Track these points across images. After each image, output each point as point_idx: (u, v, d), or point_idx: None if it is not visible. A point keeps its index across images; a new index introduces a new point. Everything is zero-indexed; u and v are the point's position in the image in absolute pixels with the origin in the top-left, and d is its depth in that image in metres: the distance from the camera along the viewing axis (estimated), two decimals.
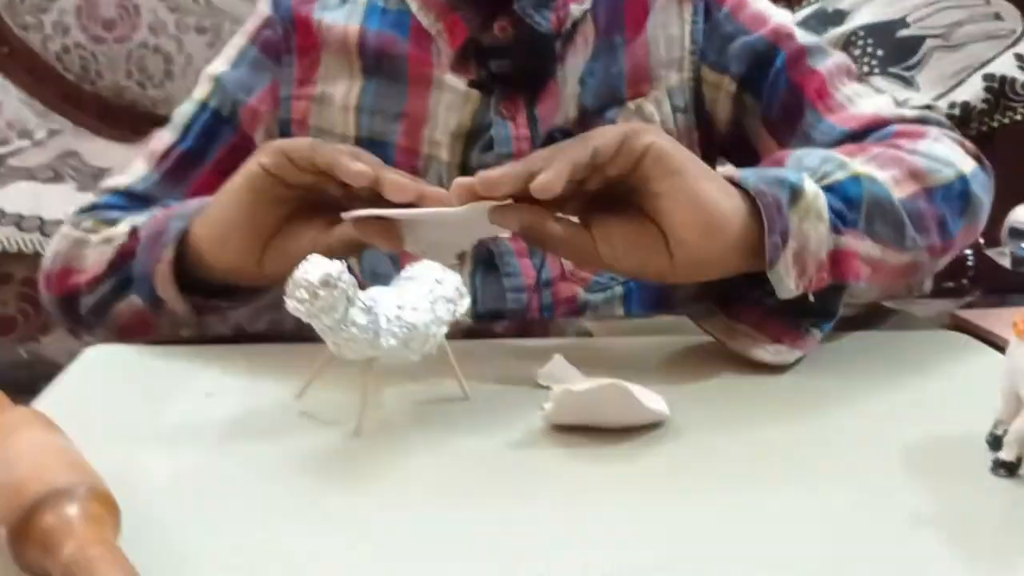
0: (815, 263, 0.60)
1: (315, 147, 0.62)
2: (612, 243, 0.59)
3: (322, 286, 0.50)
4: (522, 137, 0.80)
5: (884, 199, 0.63)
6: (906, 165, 0.66)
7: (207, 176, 0.81)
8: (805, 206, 0.59)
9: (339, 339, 0.53)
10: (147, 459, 0.52)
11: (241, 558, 0.43)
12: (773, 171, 0.61)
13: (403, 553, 0.43)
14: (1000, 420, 0.51)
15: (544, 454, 0.52)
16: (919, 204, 0.65)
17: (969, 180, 0.69)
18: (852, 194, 0.62)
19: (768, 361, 0.62)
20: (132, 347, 0.69)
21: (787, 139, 0.79)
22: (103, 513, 0.39)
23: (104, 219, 0.78)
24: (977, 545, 0.43)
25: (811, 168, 0.62)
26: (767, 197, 0.59)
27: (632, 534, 0.44)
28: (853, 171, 0.63)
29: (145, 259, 0.69)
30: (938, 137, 0.71)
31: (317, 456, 0.52)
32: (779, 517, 0.45)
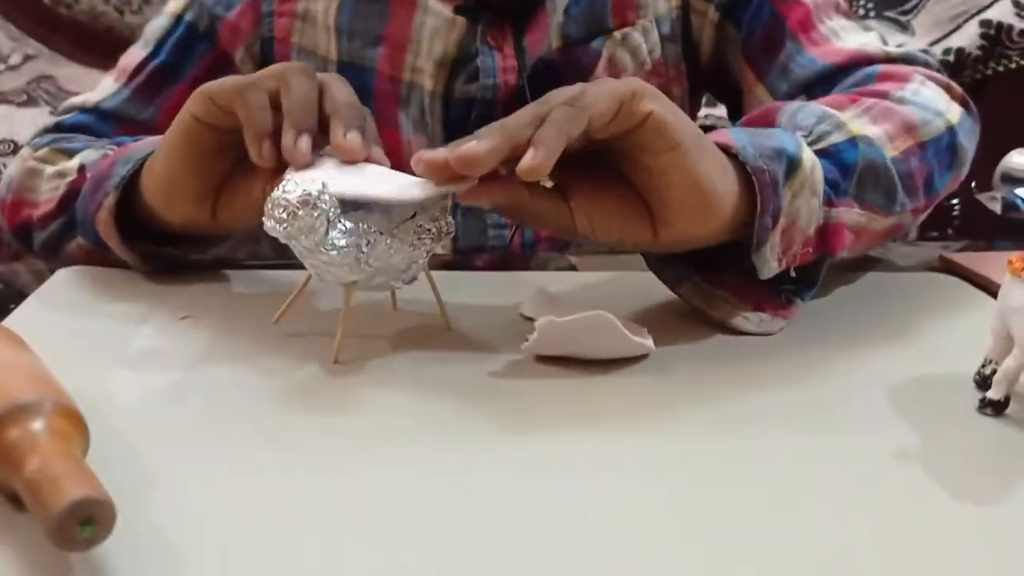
0: (802, 238, 0.57)
1: (242, 91, 0.56)
2: (591, 215, 0.53)
3: (302, 206, 0.49)
4: (509, 68, 0.78)
5: (879, 164, 0.60)
6: (899, 118, 0.63)
7: (181, 95, 0.77)
8: (801, 180, 0.55)
9: (318, 262, 0.51)
10: (118, 380, 0.51)
11: (211, 484, 0.42)
12: (769, 137, 0.56)
13: (381, 482, 0.42)
14: (989, 360, 0.50)
15: (527, 384, 0.51)
16: (911, 162, 0.63)
17: (957, 131, 0.67)
18: (848, 160, 0.58)
19: (751, 331, 0.58)
20: (105, 270, 0.67)
21: (766, 71, 0.77)
22: (70, 429, 0.38)
23: (62, 148, 0.75)
24: (962, 483, 0.42)
25: (805, 127, 0.58)
26: (764, 175, 0.53)
27: (616, 464, 0.43)
28: (850, 132, 0.59)
29: (87, 204, 0.65)
30: (924, 81, 0.70)
31: (293, 382, 0.51)
32: (763, 452, 0.45)
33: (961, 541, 0.38)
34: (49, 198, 0.71)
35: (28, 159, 0.76)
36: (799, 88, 0.74)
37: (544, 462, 0.44)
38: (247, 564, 0.36)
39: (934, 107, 0.67)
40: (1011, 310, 0.47)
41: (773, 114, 0.61)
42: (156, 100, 0.79)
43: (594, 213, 0.53)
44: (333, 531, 0.38)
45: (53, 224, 0.71)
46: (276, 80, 0.57)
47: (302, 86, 0.56)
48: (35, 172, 0.74)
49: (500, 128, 0.49)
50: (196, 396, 0.49)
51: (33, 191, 0.73)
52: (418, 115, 0.80)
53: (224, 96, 0.56)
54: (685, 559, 0.37)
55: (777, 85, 0.76)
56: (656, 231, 0.53)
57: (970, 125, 0.71)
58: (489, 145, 0.48)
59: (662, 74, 0.82)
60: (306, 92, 0.56)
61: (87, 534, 0.34)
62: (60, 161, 0.73)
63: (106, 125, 0.79)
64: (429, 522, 0.39)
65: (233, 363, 0.53)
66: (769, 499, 0.41)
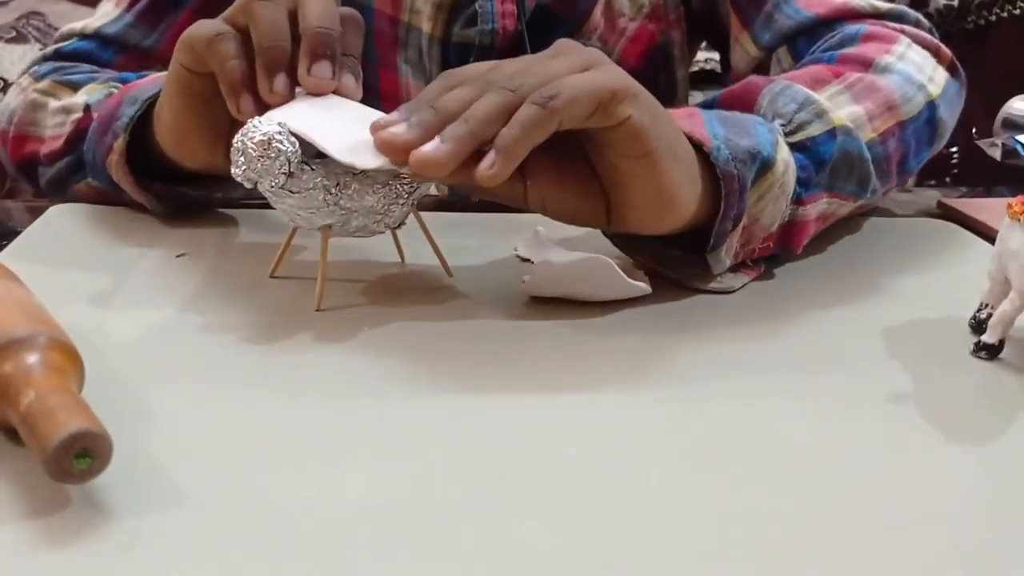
0: (763, 235, 0.55)
1: (210, 42, 0.53)
2: (545, 195, 0.50)
3: (259, 148, 0.48)
4: (508, 13, 0.76)
5: (854, 154, 0.58)
6: (881, 96, 0.62)
7: (185, 22, 0.76)
8: (770, 183, 0.53)
9: (285, 205, 0.51)
10: (113, 316, 0.51)
11: (206, 418, 0.42)
12: (747, 133, 0.53)
13: (374, 419, 0.42)
14: (985, 304, 0.50)
15: (522, 325, 0.51)
16: (888, 144, 0.62)
17: (938, 104, 0.66)
18: (824, 153, 0.56)
19: (712, 290, 0.55)
20: (100, 207, 0.67)
21: (752, 19, 0.75)
22: (64, 363, 0.38)
23: (65, 80, 0.73)
24: (956, 425, 0.43)
25: (785, 115, 0.56)
26: (733, 182, 0.51)
27: (611, 405, 0.44)
28: (830, 123, 0.56)
29: (96, 147, 0.64)
30: (910, 44, 0.68)
31: (288, 320, 0.51)
32: (758, 394, 0.45)
33: (954, 482, 0.39)
34: (55, 135, 0.70)
35: (29, 90, 0.74)
36: (781, 39, 0.74)
37: (538, 403, 0.44)
38: (241, 495, 0.36)
39: (917, 78, 0.65)
40: (1009, 254, 0.47)
41: (755, 95, 0.58)
42: (159, 27, 0.77)
43: (549, 194, 0.50)
44: (326, 465, 0.38)
45: (60, 162, 0.69)
46: (244, 15, 0.54)
47: (267, 17, 0.53)
48: (38, 105, 0.72)
49: (466, 126, 0.46)
50: (191, 332, 0.49)
51: (37, 125, 0.72)
52: (416, 58, 0.79)
53: (199, 46, 0.54)
54: (679, 498, 0.37)
55: (760, 35, 0.75)
56: (610, 220, 0.52)
57: (955, 92, 0.70)
58: (452, 150, 0.45)
59: (662, 17, 0.81)
60: (272, 23, 0.53)
61: (83, 466, 0.34)
62: (64, 95, 0.72)
63: (107, 52, 0.77)
64: (421, 460, 0.39)
65: (229, 300, 0.53)
66: (763, 441, 0.41)
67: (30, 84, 0.75)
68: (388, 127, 0.47)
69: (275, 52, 0.52)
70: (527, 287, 0.53)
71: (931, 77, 0.67)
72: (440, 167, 0.45)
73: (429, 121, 0.46)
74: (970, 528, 0.36)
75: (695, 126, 0.52)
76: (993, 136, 0.81)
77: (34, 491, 0.36)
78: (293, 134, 0.49)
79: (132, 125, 0.61)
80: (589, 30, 0.79)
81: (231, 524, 0.35)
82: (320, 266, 0.52)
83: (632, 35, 0.80)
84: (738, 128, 0.53)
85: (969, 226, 0.68)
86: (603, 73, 0.48)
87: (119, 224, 0.64)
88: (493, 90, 0.47)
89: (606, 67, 0.49)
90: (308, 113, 0.51)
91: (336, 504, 0.36)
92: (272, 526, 0.34)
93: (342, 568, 0.33)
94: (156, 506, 0.35)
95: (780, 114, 0.57)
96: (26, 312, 0.40)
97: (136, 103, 0.62)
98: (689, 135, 0.51)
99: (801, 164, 0.56)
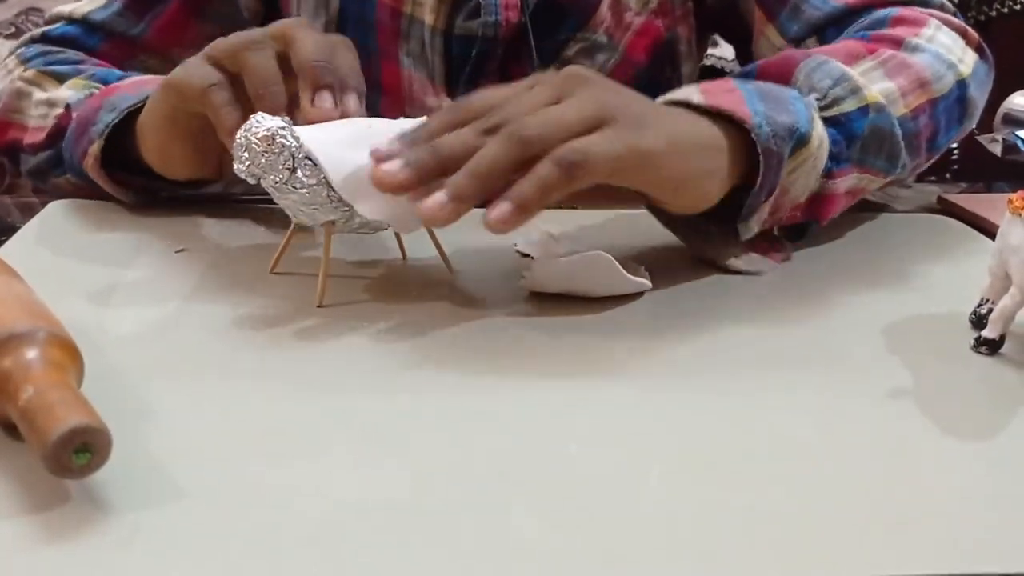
0: (791, 205, 0.57)
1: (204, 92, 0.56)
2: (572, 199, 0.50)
3: (263, 143, 0.48)
4: (511, 5, 0.76)
5: (886, 130, 0.59)
6: (914, 73, 0.63)
7: (173, 13, 0.76)
8: (804, 157, 0.54)
9: (289, 201, 0.51)
10: (112, 312, 0.51)
11: (205, 413, 0.42)
12: (784, 109, 0.54)
13: (373, 415, 0.42)
14: (985, 299, 0.50)
15: (523, 321, 0.51)
16: (919, 120, 0.62)
17: (968, 83, 0.66)
18: (856, 129, 0.57)
19: (741, 270, 0.57)
20: (99, 202, 0.67)
21: (777, 12, 0.75)
22: (64, 359, 0.38)
23: (51, 71, 0.73)
24: (955, 420, 0.43)
25: (820, 90, 0.57)
26: (773, 158, 0.52)
27: (611, 401, 0.44)
28: (863, 99, 0.58)
29: (73, 148, 0.65)
30: (939, 26, 0.69)
31: (288, 315, 0.51)
32: (759, 390, 0.45)
33: (955, 477, 0.39)
34: (37, 126, 0.70)
35: (16, 75, 0.74)
36: (811, 30, 0.73)
37: (538, 399, 0.44)
38: (241, 491, 0.36)
39: (947, 57, 0.66)
40: (1010, 249, 0.47)
41: (792, 68, 0.59)
42: (147, 16, 0.77)
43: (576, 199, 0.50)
44: (325, 461, 0.38)
45: (42, 155, 0.70)
46: (232, 60, 0.56)
47: (259, 64, 0.55)
48: (23, 94, 0.73)
49: (474, 183, 0.46)
50: (191, 328, 0.49)
51: (21, 113, 0.72)
52: (418, 50, 0.79)
53: (191, 95, 0.56)
54: (679, 495, 0.37)
55: (788, 26, 0.75)
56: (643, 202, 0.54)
57: (984, 73, 0.70)
58: (459, 209, 0.46)
59: (668, 13, 0.80)
60: (264, 69, 0.55)
61: (83, 461, 0.34)
62: (49, 86, 0.72)
63: (93, 39, 0.76)
64: (420, 456, 0.39)
65: (229, 296, 0.53)
66: (764, 436, 0.41)
67: (16, 67, 0.74)
68: (385, 163, 0.47)
69: (273, 97, 0.54)
70: (526, 284, 0.53)
71: (960, 58, 0.67)
72: (445, 222, 0.46)
73: (427, 163, 0.47)
74: (971, 523, 0.36)
75: (736, 103, 0.53)
76: (993, 132, 0.81)
77: (33, 486, 0.36)
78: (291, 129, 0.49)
79: (108, 132, 0.62)
80: (595, 24, 0.78)
81: (230, 519, 0.34)
82: (322, 262, 0.52)
83: (639, 29, 0.79)
84: (777, 103, 0.54)
85: (970, 222, 0.68)
86: (621, 136, 0.48)
87: (118, 220, 0.64)
88: (502, 139, 0.47)
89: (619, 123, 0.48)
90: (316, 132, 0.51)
91: (335, 500, 0.36)
92: (271, 521, 0.34)
93: (341, 564, 0.33)
94: (155, 501, 0.35)
95: (816, 88, 0.58)
96: (25, 308, 0.40)
97: (115, 111, 0.63)
98: (730, 114, 0.52)
99: (833, 139, 0.57)
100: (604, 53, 0.79)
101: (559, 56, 0.79)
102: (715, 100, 0.53)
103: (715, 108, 0.53)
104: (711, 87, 0.55)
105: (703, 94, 0.54)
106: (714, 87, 0.55)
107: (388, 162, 0.47)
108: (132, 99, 0.63)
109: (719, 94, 0.54)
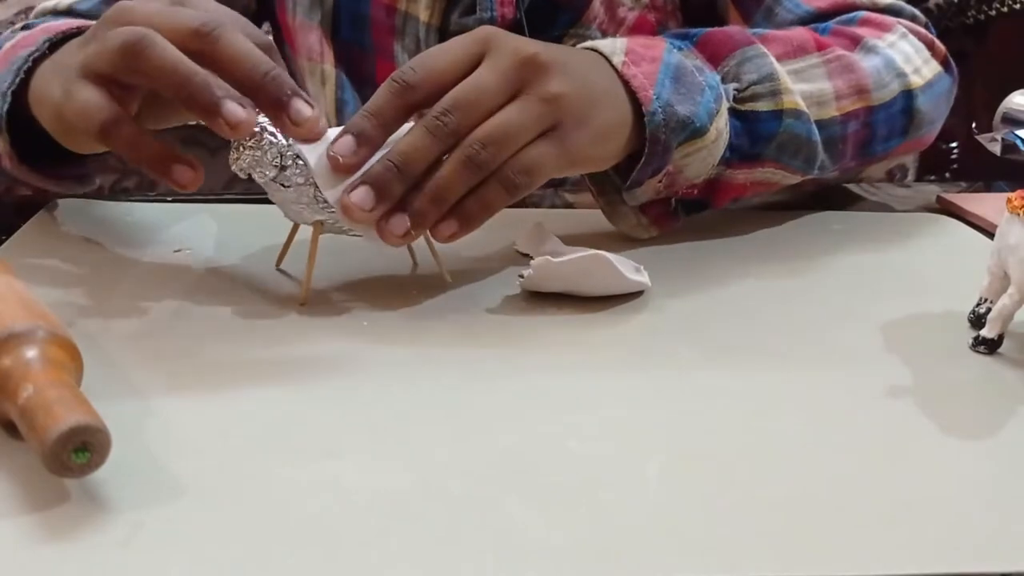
0: (686, 183, 0.59)
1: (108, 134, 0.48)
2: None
3: (252, 138, 0.48)
4: (506, 1, 0.76)
5: (802, 136, 0.61)
6: (855, 78, 0.64)
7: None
8: (699, 146, 0.56)
9: (278, 198, 0.51)
10: (111, 310, 0.51)
11: (205, 412, 0.42)
12: (689, 99, 0.56)
13: (373, 413, 0.42)
14: (984, 298, 0.50)
15: (521, 320, 0.51)
16: (849, 125, 0.64)
17: (917, 95, 0.67)
18: (764, 131, 0.59)
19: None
20: (97, 202, 0.67)
21: (752, 12, 0.76)
22: (63, 358, 0.38)
23: None
24: (953, 419, 0.43)
25: (743, 83, 0.59)
26: (657, 145, 0.55)
27: (609, 399, 0.44)
28: (779, 103, 0.59)
29: None
30: (905, 34, 0.69)
31: (287, 314, 0.51)
32: (756, 388, 0.45)
33: (953, 476, 0.39)
34: None
35: None
36: None
37: (537, 397, 0.44)
38: (241, 488, 0.36)
39: (900, 66, 0.67)
40: (1008, 248, 0.47)
41: (728, 49, 0.60)
42: None
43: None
44: (325, 458, 0.38)
45: None
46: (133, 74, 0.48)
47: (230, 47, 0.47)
48: None
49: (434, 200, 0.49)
50: (190, 326, 0.49)
51: None
52: (413, 46, 0.79)
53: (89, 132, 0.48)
54: (678, 491, 0.37)
55: (761, 28, 0.75)
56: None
57: (945, 87, 0.71)
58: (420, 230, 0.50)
59: (660, 8, 0.81)
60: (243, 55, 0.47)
61: (82, 460, 0.34)
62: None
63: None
64: (420, 453, 0.39)
65: (227, 294, 0.53)
66: (761, 434, 0.41)
67: None
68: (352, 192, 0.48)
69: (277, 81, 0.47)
70: (525, 283, 0.53)
71: (917, 68, 0.68)
72: (409, 240, 0.50)
73: (390, 185, 0.48)
74: (969, 522, 0.36)
75: (646, 81, 0.55)
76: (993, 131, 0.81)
77: (33, 485, 0.36)
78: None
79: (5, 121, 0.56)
80: (589, 19, 0.78)
81: (230, 517, 0.35)
82: (308, 261, 0.52)
83: (632, 25, 0.79)
84: (686, 91, 0.56)
85: (969, 221, 0.68)
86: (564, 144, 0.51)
87: (117, 219, 0.64)
88: (458, 164, 0.49)
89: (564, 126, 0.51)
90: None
91: (335, 497, 0.36)
92: (271, 519, 0.34)
93: (341, 561, 0.33)
94: (155, 500, 0.35)
95: (739, 80, 0.59)
96: (25, 306, 0.40)
97: (3, 98, 0.56)
98: (636, 89, 0.54)
99: (736, 131, 0.59)
100: None
101: None
102: (630, 71, 0.55)
103: (626, 79, 0.55)
104: (638, 47, 0.57)
105: (626, 56, 0.56)
106: (642, 49, 0.57)
107: (356, 192, 0.48)
108: (8, 77, 0.56)
109: (640, 62, 0.56)
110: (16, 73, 0.56)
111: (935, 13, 1.24)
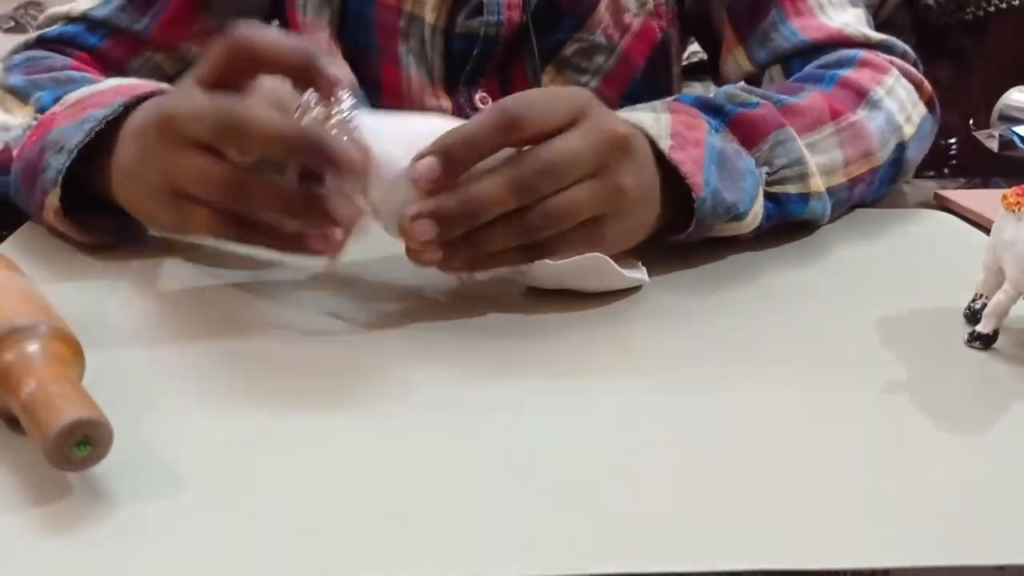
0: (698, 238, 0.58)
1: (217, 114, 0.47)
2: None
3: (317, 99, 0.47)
4: (513, 4, 0.76)
5: (818, 212, 0.62)
6: (863, 144, 0.65)
7: (178, 7, 0.75)
8: (734, 227, 0.58)
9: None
10: (113, 306, 0.51)
11: (206, 407, 0.42)
12: (734, 186, 0.56)
13: (372, 411, 0.42)
14: (979, 294, 0.51)
15: (519, 318, 0.52)
16: (855, 190, 0.65)
17: (907, 145, 0.68)
18: (791, 212, 0.60)
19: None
20: None
21: (747, 35, 0.77)
22: (65, 352, 0.38)
23: (16, 88, 0.66)
24: (949, 414, 0.43)
25: (774, 167, 0.59)
26: (704, 229, 0.56)
27: (609, 395, 0.44)
28: (807, 186, 0.60)
29: (27, 196, 0.59)
30: (899, 77, 0.70)
31: (289, 312, 0.51)
32: (754, 384, 0.45)
33: (948, 471, 0.39)
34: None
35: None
36: (777, 59, 0.75)
37: (537, 394, 0.44)
38: (242, 483, 0.36)
39: (896, 119, 0.68)
40: (1003, 244, 0.47)
41: (764, 133, 0.59)
42: (151, 11, 0.75)
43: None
44: (326, 454, 0.39)
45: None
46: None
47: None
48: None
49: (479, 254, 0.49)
50: (192, 322, 0.50)
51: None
52: (418, 48, 0.79)
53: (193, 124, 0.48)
54: (678, 488, 0.37)
55: (756, 51, 0.77)
56: None
57: (929, 128, 0.72)
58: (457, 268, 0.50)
59: (663, 15, 0.81)
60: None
61: (84, 454, 0.34)
62: (12, 105, 0.66)
63: (95, 36, 0.74)
64: (420, 450, 0.39)
65: (230, 290, 0.53)
66: (760, 430, 0.41)
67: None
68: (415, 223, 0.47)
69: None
70: (523, 280, 0.53)
71: (909, 116, 0.70)
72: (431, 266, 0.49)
73: (455, 226, 0.47)
74: (964, 516, 0.36)
75: (695, 165, 0.54)
76: (991, 128, 0.81)
77: (35, 479, 0.36)
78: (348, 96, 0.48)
79: (62, 178, 0.56)
80: (593, 24, 0.79)
81: (231, 511, 0.35)
82: None
83: (637, 31, 0.80)
84: (731, 178, 0.56)
85: (966, 217, 0.68)
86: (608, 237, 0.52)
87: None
88: (519, 230, 0.48)
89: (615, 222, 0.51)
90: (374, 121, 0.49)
91: (336, 493, 0.36)
92: (272, 514, 0.35)
93: (342, 557, 0.33)
94: (156, 493, 0.36)
95: (770, 163, 0.60)
96: (27, 301, 0.40)
97: (62, 153, 0.56)
98: (686, 175, 0.53)
99: (768, 213, 0.59)
100: (602, 54, 0.80)
101: (556, 56, 0.79)
102: (678, 156, 0.54)
103: (674, 164, 0.53)
104: (682, 128, 0.55)
105: (672, 139, 0.54)
106: (685, 130, 0.55)
107: (420, 224, 0.46)
108: (77, 134, 0.56)
109: (686, 145, 0.55)
110: (88, 133, 0.55)
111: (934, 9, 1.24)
